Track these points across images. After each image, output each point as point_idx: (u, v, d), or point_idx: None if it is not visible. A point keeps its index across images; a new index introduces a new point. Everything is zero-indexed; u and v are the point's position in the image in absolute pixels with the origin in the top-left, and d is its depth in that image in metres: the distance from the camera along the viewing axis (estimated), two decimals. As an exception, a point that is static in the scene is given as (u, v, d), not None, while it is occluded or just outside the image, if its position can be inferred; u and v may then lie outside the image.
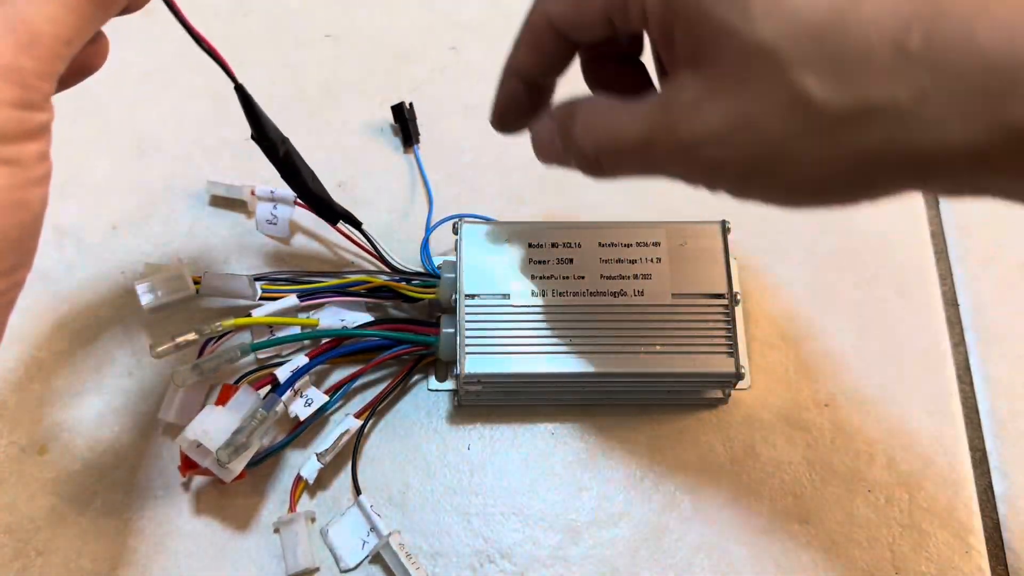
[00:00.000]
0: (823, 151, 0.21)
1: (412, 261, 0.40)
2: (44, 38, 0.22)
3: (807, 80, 0.20)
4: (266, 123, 0.33)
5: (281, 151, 0.34)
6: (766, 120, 0.21)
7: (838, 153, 0.21)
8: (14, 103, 0.22)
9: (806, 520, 0.38)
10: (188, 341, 0.36)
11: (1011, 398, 0.40)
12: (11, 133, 0.22)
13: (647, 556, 0.37)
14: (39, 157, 0.23)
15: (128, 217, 0.42)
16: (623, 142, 0.25)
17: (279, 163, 0.35)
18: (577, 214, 0.43)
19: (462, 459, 0.38)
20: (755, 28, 0.21)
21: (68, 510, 0.36)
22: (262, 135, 0.33)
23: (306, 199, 0.37)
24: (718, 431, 0.39)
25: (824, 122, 0.21)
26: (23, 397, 0.38)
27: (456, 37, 0.47)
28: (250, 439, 0.33)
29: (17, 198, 0.22)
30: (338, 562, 0.36)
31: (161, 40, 0.46)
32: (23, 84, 0.22)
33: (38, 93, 0.22)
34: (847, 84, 0.20)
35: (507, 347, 0.35)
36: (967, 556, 0.37)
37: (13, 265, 0.23)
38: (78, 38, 0.23)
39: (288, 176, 0.36)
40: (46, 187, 0.24)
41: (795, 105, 0.21)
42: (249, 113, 0.32)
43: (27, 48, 0.22)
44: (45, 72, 0.22)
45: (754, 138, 0.22)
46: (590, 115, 0.26)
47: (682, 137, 0.23)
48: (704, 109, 0.22)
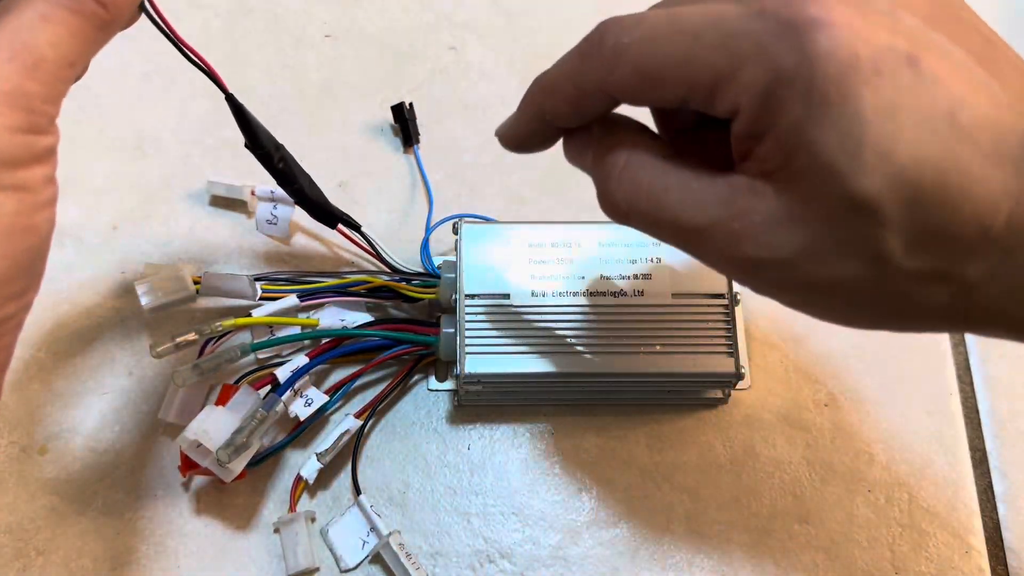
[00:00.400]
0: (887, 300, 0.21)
1: (412, 261, 0.40)
2: (47, 63, 0.22)
3: (894, 241, 0.20)
4: (259, 131, 0.33)
5: (276, 158, 0.34)
6: (840, 264, 0.20)
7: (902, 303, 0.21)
8: (21, 128, 0.22)
9: (806, 520, 0.38)
10: (188, 341, 0.36)
11: (1011, 398, 0.40)
12: (19, 158, 0.22)
13: (647, 556, 0.37)
14: (46, 181, 0.23)
15: (128, 217, 0.42)
16: (667, 219, 0.23)
17: (275, 171, 0.35)
18: (577, 214, 0.43)
19: (462, 459, 0.38)
20: (860, 179, 0.19)
21: (68, 510, 0.36)
22: (256, 144, 0.33)
23: (304, 205, 0.37)
24: (718, 431, 0.39)
25: (898, 278, 0.20)
26: (23, 397, 0.38)
27: (456, 37, 0.47)
28: (250, 439, 0.33)
29: (26, 223, 0.22)
30: (338, 562, 0.36)
31: (161, 40, 0.46)
32: (29, 109, 0.22)
33: (44, 117, 0.22)
34: (931, 254, 0.20)
35: (507, 347, 0.35)
36: (967, 556, 0.37)
37: (23, 288, 0.23)
38: (81, 60, 0.23)
39: (284, 183, 0.36)
40: (53, 209, 0.24)
41: (875, 259, 0.20)
42: (242, 123, 0.33)
43: (31, 72, 0.22)
44: (50, 95, 0.22)
45: (820, 273, 0.21)
46: (637, 168, 0.24)
47: (745, 252, 0.21)
48: (779, 234, 0.21)
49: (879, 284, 0.21)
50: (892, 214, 0.19)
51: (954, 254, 0.20)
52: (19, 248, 0.22)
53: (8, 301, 0.23)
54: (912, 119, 0.19)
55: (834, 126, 0.19)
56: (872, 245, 0.20)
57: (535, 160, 0.45)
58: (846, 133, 0.19)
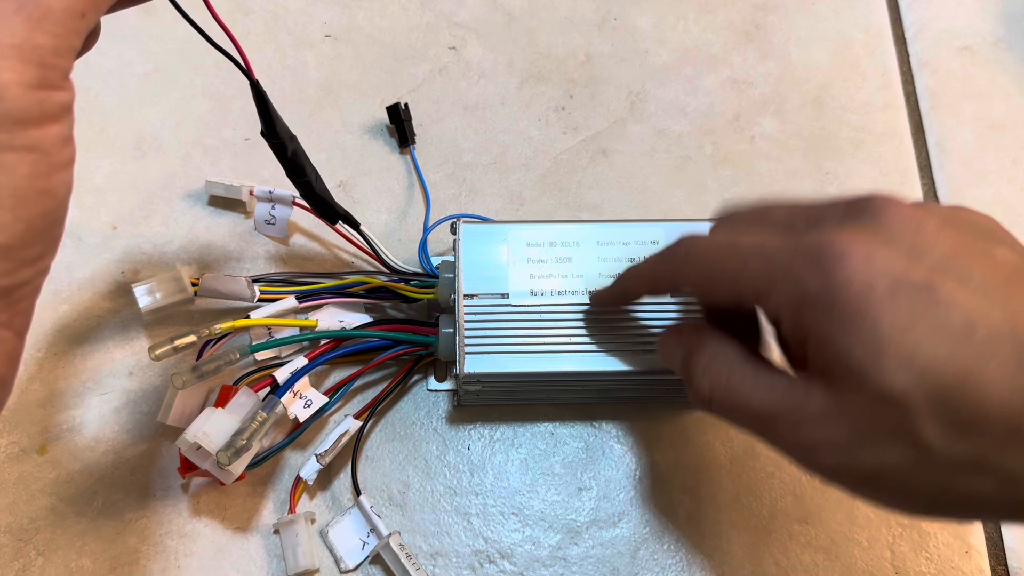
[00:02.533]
0: (935, 486, 0.23)
1: (411, 261, 0.40)
2: (56, 13, 0.21)
3: (930, 429, 0.22)
4: (277, 121, 0.33)
5: (289, 150, 0.34)
6: (885, 449, 0.23)
7: (949, 490, 0.23)
8: (32, 83, 0.21)
9: (806, 520, 0.38)
10: (187, 343, 0.36)
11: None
12: (31, 116, 0.21)
13: (647, 556, 0.37)
14: (62, 141, 0.22)
15: (128, 217, 0.42)
16: (741, 405, 0.27)
17: (286, 161, 0.35)
18: (575, 214, 0.43)
19: (462, 459, 0.38)
20: (886, 378, 0.22)
21: (68, 510, 0.36)
22: (272, 133, 0.33)
23: (309, 199, 0.37)
24: (718, 431, 0.39)
25: (940, 464, 0.22)
26: (23, 397, 0.38)
27: (456, 37, 0.47)
28: (250, 441, 0.33)
29: (41, 186, 0.21)
30: (338, 563, 0.36)
31: (161, 40, 0.46)
32: (40, 63, 0.21)
33: (56, 71, 0.21)
34: (968, 443, 0.22)
35: (506, 347, 0.35)
36: (967, 556, 0.37)
37: (39, 254, 0.23)
38: (92, 11, 0.22)
39: (293, 175, 0.36)
40: (70, 172, 0.23)
41: (915, 444, 0.22)
42: (262, 110, 0.32)
43: (40, 24, 0.21)
44: (61, 48, 0.21)
45: (869, 457, 0.23)
46: (718, 361, 0.28)
47: (804, 437, 0.25)
48: (831, 423, 0.24)
49: (923, 469, 0.23)
50: (921, 405, 0.22)
51: (990, 445, 0.22)
52: (35, 212, 0.21)
53: (24, 266, 0.22)
54: (928, 332, 0.22)
55: (857, 337, 0.22)
56: (909, 431, 0.22)
57: (534, 160, 0.45)
58: (868, 342, 0.22)
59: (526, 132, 0.45)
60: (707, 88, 0.47)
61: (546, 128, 0.45)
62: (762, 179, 0.45)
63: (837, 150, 0.46)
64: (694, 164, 0.45)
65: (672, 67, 0.47)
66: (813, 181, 0.45)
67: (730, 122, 0.46)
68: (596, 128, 0.46)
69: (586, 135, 0.45)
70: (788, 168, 0.45)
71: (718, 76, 0.47)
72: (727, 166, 0.45)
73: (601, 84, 0.47)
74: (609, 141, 0.45)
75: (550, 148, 0.45)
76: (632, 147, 0.45)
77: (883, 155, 0.46)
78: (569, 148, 0.45)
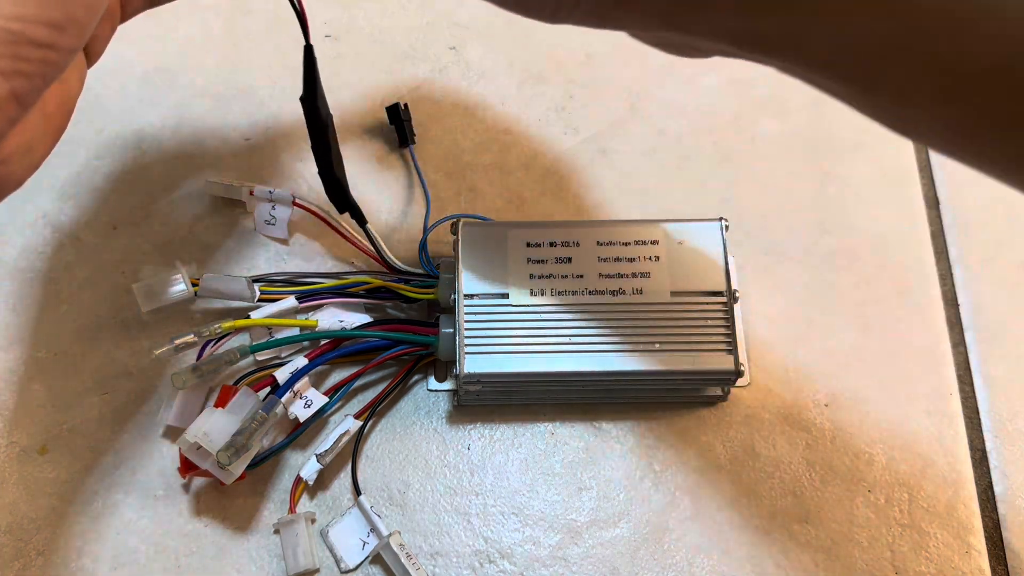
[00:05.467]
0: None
1: (411, 262, 0.40)
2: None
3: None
4: (319, 90, 0.34)
5: (323, 118, 0.35)
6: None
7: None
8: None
9: (806, 520, 0.38)
10: (187, 343, 0.36)
11: (1011, 398, 0.40)
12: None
13: (647, 556, 0.37)
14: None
15: (128, 217, 0.42)
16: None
17: (316, 131, 0.35)
18: (575, 214, 0.43)
19: (462, 459, 0.38)
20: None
21: (68, 510, 0.36)
22: (312, 97, 0.34)
23: (326, 179, 0.37)
24: (718, 431, 0.39)
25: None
26: (23, 397, 0.38)
27: (456, 37, 0.47)
28: (250, 441, 0.33)
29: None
30: (338, 563, 0.36)
31: (161, 40, 0.46)
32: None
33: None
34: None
35: (506, 347, 0.35)
36: (967, 556, 0.37)
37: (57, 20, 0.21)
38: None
39: (319, 150, 0.36)
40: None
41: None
42: (309, 75, 0.33)
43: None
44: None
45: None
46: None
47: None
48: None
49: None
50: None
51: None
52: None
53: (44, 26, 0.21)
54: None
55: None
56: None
57: (535, 160, 0.45)
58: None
59: (526, 132, 0.45)
60: (707, 88, 0.47)
61: (546, 128, 0.45)
62: (762, 179, 0.45)
63: (837, 150, 0.46)
64: (694, 164, 0.45)
65: (672, 67, 0.47)
66: (813, 181, 0.45)
67: (730, 122, 0.46)
68: (596, 128, 0.46)
69: (586, 135, 0.45)
70: (788, 168, 0.45)
71: (718, 76, 0.47)
72: (727, 166, 0.45)
73: (601, 84, 0.47)
74: (609, 141, 0.45)
75: (550, 148, 0.45)
76: (632, 147, 0.45)
77: (883, 155, 0.46)
78: (569, 148, 0.45)
